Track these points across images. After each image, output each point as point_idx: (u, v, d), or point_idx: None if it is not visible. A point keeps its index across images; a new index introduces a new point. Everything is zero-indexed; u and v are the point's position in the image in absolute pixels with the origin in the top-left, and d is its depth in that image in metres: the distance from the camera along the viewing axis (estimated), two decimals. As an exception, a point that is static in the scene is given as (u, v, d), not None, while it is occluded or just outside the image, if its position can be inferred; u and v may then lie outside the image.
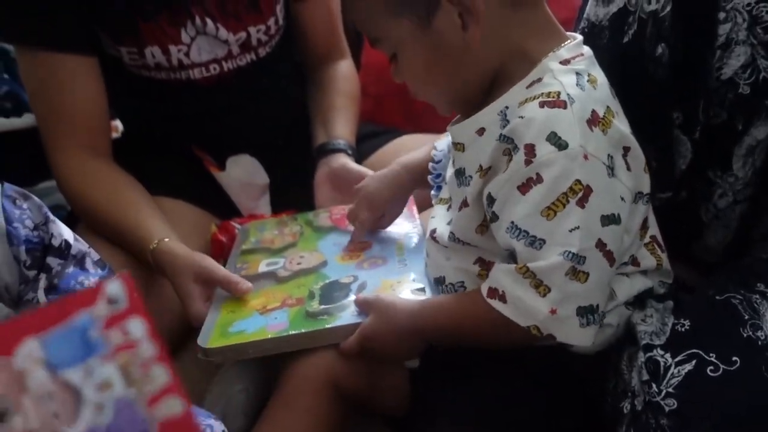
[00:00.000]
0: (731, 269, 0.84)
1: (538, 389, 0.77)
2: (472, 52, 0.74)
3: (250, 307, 0.89)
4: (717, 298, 0.76)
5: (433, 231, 0.84)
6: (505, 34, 0.74)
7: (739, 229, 0.91)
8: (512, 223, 0.70)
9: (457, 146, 0.80)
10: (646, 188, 0.77)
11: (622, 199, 0.72)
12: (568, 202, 0.68)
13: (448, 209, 0.84)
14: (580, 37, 0.78)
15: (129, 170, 1.10)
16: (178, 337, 1.01)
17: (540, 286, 0.69)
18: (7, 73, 1.55)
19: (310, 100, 1.31)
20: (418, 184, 0.99)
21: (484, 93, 0.79)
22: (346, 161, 1.15)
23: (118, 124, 1.61)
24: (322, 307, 0.85)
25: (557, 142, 0.68)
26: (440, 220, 0.85)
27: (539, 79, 0.72)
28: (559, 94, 0.70)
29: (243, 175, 1.20)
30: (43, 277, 0.69)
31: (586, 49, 0.77)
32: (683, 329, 0.74)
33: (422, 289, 0.85)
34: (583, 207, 0.68)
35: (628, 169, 0.74)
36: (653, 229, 0.80)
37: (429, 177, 0.92)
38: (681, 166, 0.86)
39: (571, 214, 0.68)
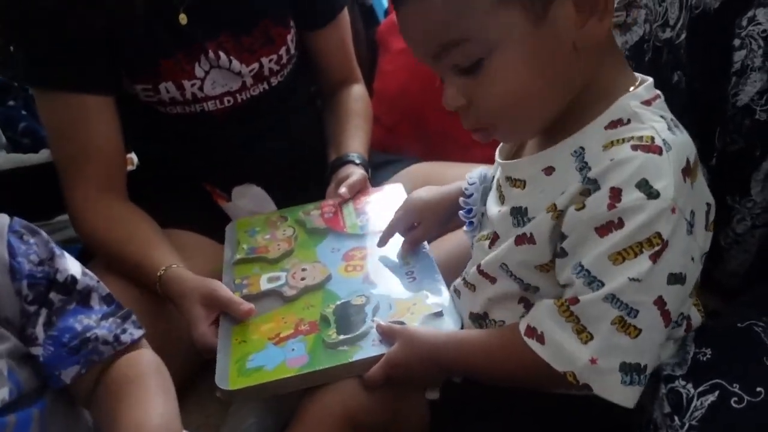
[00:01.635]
0: (753, 296, 0.83)
1: (557, 426, 0.76)
2: (579, 61, 0.67)
3: (261, 334, 0.88)
4: (739, 325, 0.75)
5: (487, 263, 0.79)
6: (596, 56, 0.69)
7: (760, 254, 0.90)
8: (580, 263, 0.67)
9: (516, 183, 0.76)
10: (708, 247, 0.74)
11: (693, 259, 0.69)
12: (641, 252, 0.64)
13: (489, 246, 0.80)
14: (650, 79, 0.74)
15: (142, 202, 1.11)
16: (192, 369, 1.01)
17: (582, 332, 0.67)
18: (25, 109, 1.57)
19: (325, 126, 1.32)
20: (443, 218, 0.97)
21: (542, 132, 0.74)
22: (354, 170, 1.17)
23: (133, 156, 1.62)
24: (342, 337, 0.84)
25: (648, 190, 0.64)
26: (482, 256, 0.81)
27: (621, 121, 0.68)
28: (653, 138, 0.65)
29: (249, 204, 1.21)
30: (43, 312, 0.69)
31: (659, 92, 0.73)
32: (705, 358, 0.73)
33: (440, 314, 0.85)
34: (654, 262, 0.64)
35: (706, 228, 0.71)
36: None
37: (461, 212, 0.89)
38: (698, 193, 0.85)
39: (639, 264, 0.64)
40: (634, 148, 0.65)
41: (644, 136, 0.66)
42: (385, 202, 1.11)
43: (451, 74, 0.69)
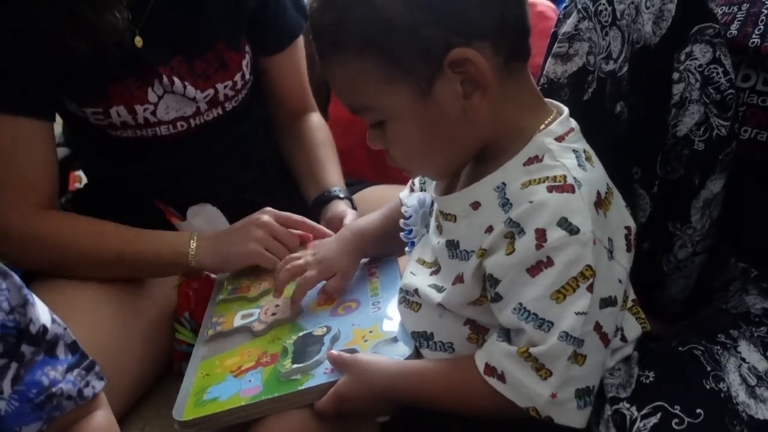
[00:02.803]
0: (693, 320, 0.86)
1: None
2: (471, 123, 0.72)
3: (224, 368, 0.88)
4: (680, 349, 0.77)
5: (415, 290, 0.82)
6: (501, 106, 0.72)
7: (700, 280, 0.93)
8: (520, 304, 0.69)
9: (448, 216, 0.79)
10: (630, 264, 0.77)
11: (620, 281, 0.73)
12: (578, 286, 0.68)
13: (431, 274, 0.83)
14: (566, 110, 0.77)
15: None
16: (157, 370, 1.04)
17: (541, 370, 0.69)
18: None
19: (288, 157, 1.32)
20: (368, 250, 1.00)
21: (468, 161, 0.78)
22: (344, 207, 1.16)
23: (80, 174, 1.60)
24: (294, 366, 0.84)
25: (569, 227, 0.67)
26: (423, 280, 0.83)
27: (537, 158, 0.72)
28: (565, 177, 0.69)
29: (204, 224, 1.20)
30: (13, 366, 0.65)
31: (574, 123, 0.77)
32: (648, 381, 0.75)
33: (395, 339, 0.84)
34: (591, 292, 0.68)
35: (628, 249, 0.74)
36: (630, 292, 0.80)
37: (402, 234, 0.91)
38: (641, 219, 0.88)
39: (580, 298, 0.68)
40: (550, 189, 0.69)
41: (557, 176, 0.70)
42: None
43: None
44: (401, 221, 0.91)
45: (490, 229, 0.72)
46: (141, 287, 1.09)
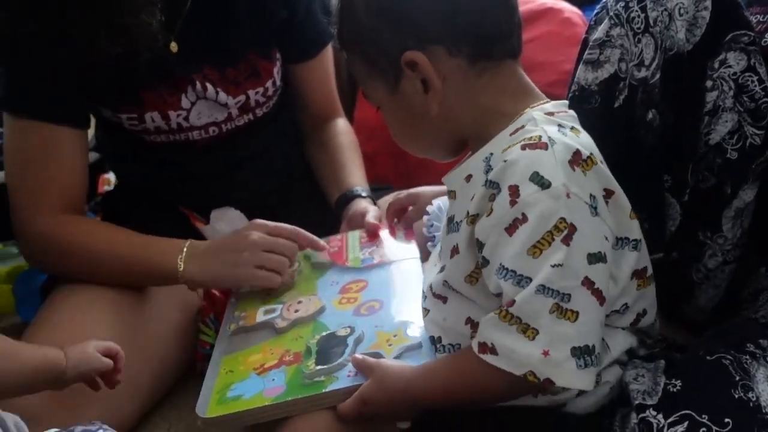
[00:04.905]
0: (721, 329, 0.85)
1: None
2: (434, 116, 0.78)
3: (248, 365, 0.88)
4: (708, 358, 0.76)
5: (430, 287, 0.84)
6: (471, 98, 0.78)
7: (729, 290, 0.92)
8: (501, 264, 0.70)
9: (451, 194, 0.82)
10: (634, 234, 0.76)
11: (606, 239, 0.72)
12: (553, 240, 0.68)
13: (439, 259, 0.85)
14: (565, 101, 0.80)
15: (118, 223, 1.11)
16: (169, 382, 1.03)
17: (527, 330, 0.69)
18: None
19: (313, 161, 1.33)
20: None
21: (463, 145, 0.82)
22: (366, 205, 1.16)
23: (110, 176, 1.62)
24: (318, 368, 0.84)
25: (540, 181, 0.69)
26: (433, 272, 0.85)
27: (522, 127, 0.75)
28: (540, 137, 0.71)
29: (227, 227, 1.20)
30: None
31: (571, 111, 0.79)
32: (675, 389, 0.74)
33: (419, 345, 0.85)
34: (567, 245, 0.68)
35: (609, 212, 0.74)
36: (648, 267, 0.79)
37: (424, 228, 0.93)
38: (670, 228, 0.88)
39: (556, 251, 0.68)
40: (523, 147, 0.71)
41: (533, 136, 0.72)
42: (390, 239, 1.10)
43: None
44: (425, 217, 0.94)
45: (474, 196, 0.75)
46: (164, 287, 1.10)
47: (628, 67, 0.86)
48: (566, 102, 0.80)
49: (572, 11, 1.61)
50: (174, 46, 1.08)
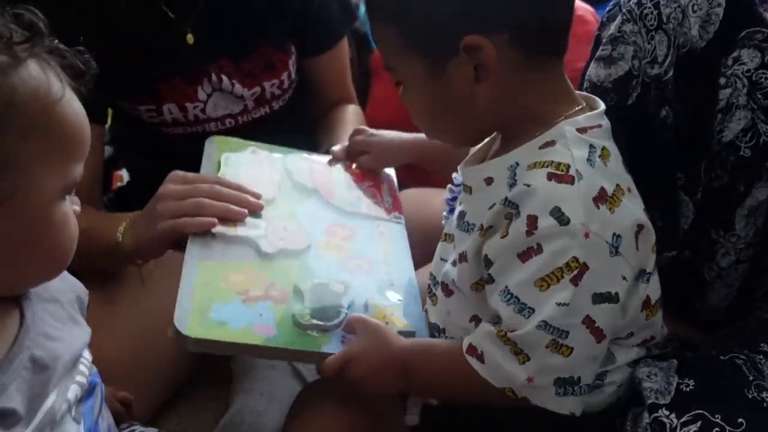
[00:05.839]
0: (734, 329, 0.84)
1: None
2: (477, 107, 0.74)
3: (230, 284, 0.83)
4: (721, 358, 0.76)
5: (436, 280, 0.84)
6: (513, 96, 0.74)
7: (742, 289, 0.91)
8: (506, 287, 0.71)
9: (466, 188, 0.81)
10: (650, 267, 0.76)
11: (624, 278, 0.72)
12: (562, 277, 0.68)
13: (454, 249, 0.83)
14: (602, 107, 0.78)
15: None
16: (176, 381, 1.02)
17: (520, 354, 0.70)
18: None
19: (319, 144, 1.32)
20: (419, 160, 1.08)
21: (485, 137, 0.81)
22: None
23: (123, 173, 1.62)
24: (315, 322, 0.82)
25: (560, 217, 0.68)
26: (448, 256, 0.84)
27: (552, 142, 0.73)
28: (568, 167, 0.70)
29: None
30: None
31: (606, 122, 0.77)
32: (688, 389, 0.74)
33: (412, 334, 0.84)
34: (576, 285, 0.68)
35: (637, 248, 0.73)
36: (655, 294, 0.79)
37: (444, 199, 0.91)
38: (683, 226, 0.87)
39: (563, 289, 0.68)
40: (549, 177, 0.70)
41: (561, 163, 0.70)
42: (377, 186, 1.09)
43: None
44: (448, 186, 0.91)
45: (493, 206, 0.74)
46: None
47: (641, 64, 0.85)
48: (602, 112, 0.77)
49: (585, 8, 1.60)
50: (190, 38, 1.09)
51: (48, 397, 0.62)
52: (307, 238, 0.93)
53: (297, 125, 1.28)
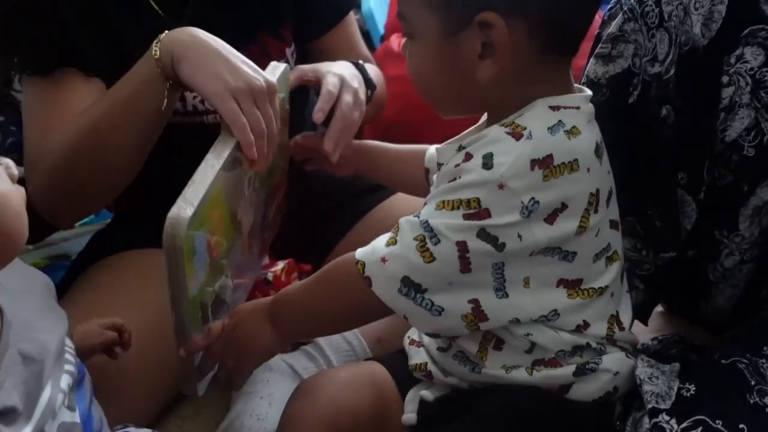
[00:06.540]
0: (737, 332, 0.84)
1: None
2: (475, 82, 0.74)
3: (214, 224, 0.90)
4: (723, 362, 0.76)
5: None
6: (515, 84, 0.74)
7: (748, 289, 0.90)
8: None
9: (439, 166, 0.81)
10: (570, 248, 0.73)
11: (520, 237, 0.70)
12: (458, 208, 0.70)
13: None
14: (588, 93, 0.77)
15: (130, 215, 1.15)
16: None
17: (392, 237, 0.74)
18: (14, 125, 1.56)
19: None
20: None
21: (474, 113, 0.82)
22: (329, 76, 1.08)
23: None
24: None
25: (486, 162, 0.70)
26: None
27: (521, 113, 0.73)
28: (524, 128, 0.71)
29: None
30: None
31: (587, 107, 0.76)
32: (689, 394, 0.73)
33: None
34: (468, 220, 0.70)
35: (551, 223, 0.71)
36: (592, 280, 0.76)
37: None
38: (686, 226, 0.86)
39: (452, 216, 0.71)
40: (504, 132, 0.72)
41: (519, 125, 0.72)
42: None
43: None
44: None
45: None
46: None
47: (641, 62, 0.84)
48: (584, 96, 0.77)
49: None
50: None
51: (44, 390, 0.62)
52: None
53: (296, 122, 1.26)
